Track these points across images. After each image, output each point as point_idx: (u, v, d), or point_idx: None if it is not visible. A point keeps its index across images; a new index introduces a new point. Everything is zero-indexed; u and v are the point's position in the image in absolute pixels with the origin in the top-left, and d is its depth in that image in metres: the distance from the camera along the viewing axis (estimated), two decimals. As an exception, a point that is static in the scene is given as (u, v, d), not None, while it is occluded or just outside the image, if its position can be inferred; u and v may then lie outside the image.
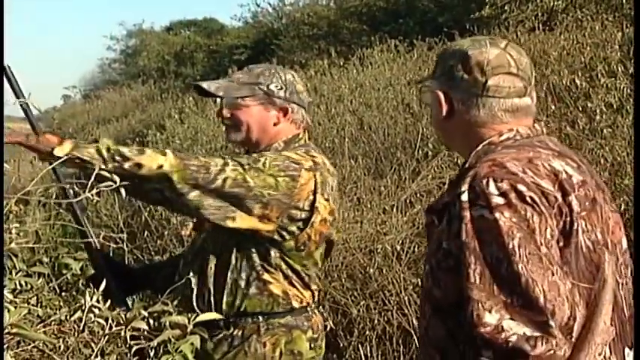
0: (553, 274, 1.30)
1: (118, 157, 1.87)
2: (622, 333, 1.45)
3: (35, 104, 1.94)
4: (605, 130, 4.63)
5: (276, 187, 2.00)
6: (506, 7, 8.58)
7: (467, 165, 1.47)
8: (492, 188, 1.33)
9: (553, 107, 5.38)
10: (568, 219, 1.37)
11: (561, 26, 7.66)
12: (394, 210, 4.52)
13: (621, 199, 3.77)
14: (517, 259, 1.29)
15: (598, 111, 4.95)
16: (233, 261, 2.08)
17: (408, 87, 7.14)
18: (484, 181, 1.34)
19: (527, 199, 1.33)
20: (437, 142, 5.36)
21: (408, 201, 4.75)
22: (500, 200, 1.32)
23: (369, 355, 3.55)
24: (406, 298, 3.60)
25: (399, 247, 4.02)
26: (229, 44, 17.44)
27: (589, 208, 1.40)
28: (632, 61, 5.37)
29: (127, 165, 1.87)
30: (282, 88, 2.17)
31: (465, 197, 1.35)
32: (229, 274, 2.08)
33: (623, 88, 5.15)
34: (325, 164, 2.15)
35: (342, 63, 10.08)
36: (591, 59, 6.07)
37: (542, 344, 1.26)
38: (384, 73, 8.54)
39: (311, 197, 2.06)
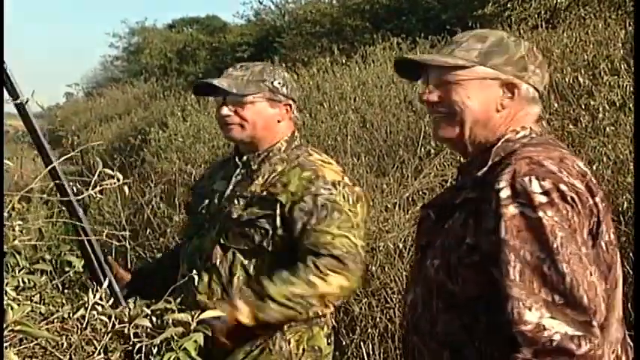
0: (591, 275, 1.31)
1: (303, 302, 1.94)
2: (625, 331, 1.45)
3: (39, 102, 1.94)
4: (607, 128, 4.62)
5: (359, 223, 2.07)
6: (509, 5, 8.57)
7: (490, 161, 1.44)
8: (535, 186, 1.32)
9: (556, 105, 5.38)
10: (595, 220, 1.37)
11: (564, 24, 7.64)
12: (396, 208, 4.52)
13: (623, 197, 3.77)
14: (561, 258, 1.29)
15: (601, 109, 4.94)
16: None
17: (411, 85, 7.13)
18: (526, 179, 1.33)
19: (569, 198, 1.33)
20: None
21: (410, 199, 4.74)
22: (543, 199, 1.32)
23: (370, 352, 3.55)
24: (408, 295, 3.59)
25: (401, 245, 4.02)
26: (232, 42, 17.44)
27: (605, 210, 1.41)
28: (634, 58, 5.36)
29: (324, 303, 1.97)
30: (284, 85, 2.18)
31: (504, 194, 1.34)
32: None
33: (626, 85, 5.13)
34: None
35: (344, 61, 10.06)
36: (594, 57, 6.06)
37: (585, 344, 1.26)
38: (387, 71, 8.52)
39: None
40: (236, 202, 2.10)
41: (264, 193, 2.08)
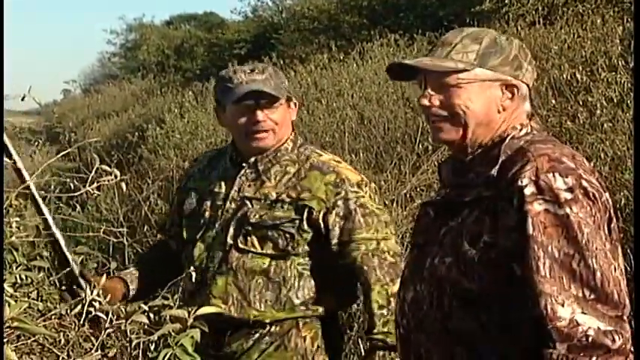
0: (615, 270, 1.33)
1: (387, 326, 1.94)
2: None
3: (36, 98, 1.93)
4: (605, 125, 4.63)
5: (388, 218, 2.14)
6: (506, 1, 8.55)
7: (502, 158, 1.43)
8: (560, 183, 1.33)
9: (554, 101, 5.38)
10: (607, 216, 1.38)
11: (562, 20, 7.64)
12: (394, 204, 4.52)
13: (621, 193, 3.77)
14: (589, 254, 1.30)
15: (598, 105, 4.95)
16: (291, 280, 2.04)
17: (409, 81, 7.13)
18: (550, 176, 1.33)
19: (590, 195, 1.34)
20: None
21: (408, 195, 4.75)
22: (568, 195, 1.32)
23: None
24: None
25: (399, 242, 4.02)
26: (229, 38, 17.42)
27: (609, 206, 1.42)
28: (633, 55, 5.36)
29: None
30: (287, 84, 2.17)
31: (528, 191, 1.33)
32: (284, 289, 2.03)
33: (624, 82, 5.14)
34: None
35: (342, 57, 10.05)
36: (592, 53, 6.06)
37: (619, 338, 1.27)
38: (384, 68, 8.51)
39: None
40: (249, 204, 2.05)
41: (285, 196, 2.03)
